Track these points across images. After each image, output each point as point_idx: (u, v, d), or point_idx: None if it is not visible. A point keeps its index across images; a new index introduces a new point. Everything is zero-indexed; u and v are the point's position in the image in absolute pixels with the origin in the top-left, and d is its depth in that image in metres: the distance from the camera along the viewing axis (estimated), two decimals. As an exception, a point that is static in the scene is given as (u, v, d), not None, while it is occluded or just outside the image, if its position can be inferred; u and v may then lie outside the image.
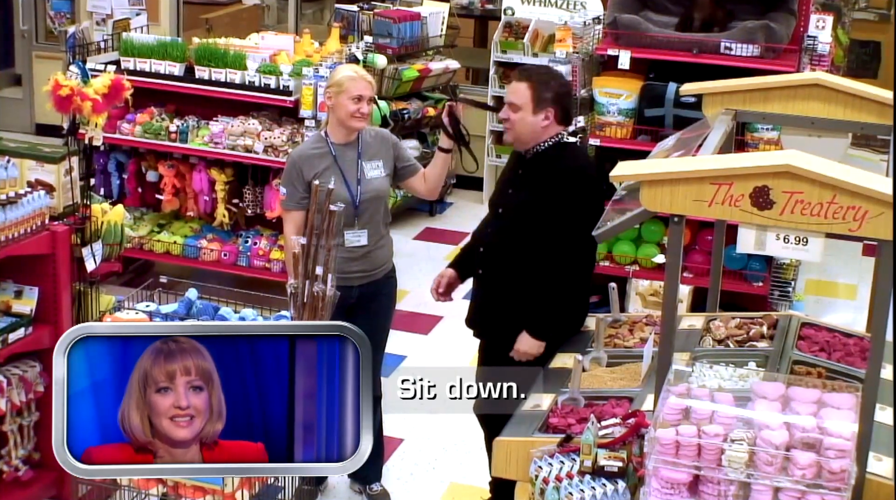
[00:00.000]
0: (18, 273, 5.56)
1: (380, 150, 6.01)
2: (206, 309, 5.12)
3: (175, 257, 8.60)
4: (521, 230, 5.37)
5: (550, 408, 4.80)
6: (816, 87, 5.16)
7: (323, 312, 4.89)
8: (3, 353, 5.37)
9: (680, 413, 3.88)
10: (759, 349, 4.98)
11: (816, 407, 3.91)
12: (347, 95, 5.78)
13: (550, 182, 5.32)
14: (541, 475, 4.24)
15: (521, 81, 5.48)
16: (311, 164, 5.84)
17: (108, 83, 5.40)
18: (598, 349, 5.25)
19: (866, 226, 3.77)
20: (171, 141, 8.38)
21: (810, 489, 3.70)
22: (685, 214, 4.06)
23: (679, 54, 7.83)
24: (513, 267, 5.38)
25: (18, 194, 5.35)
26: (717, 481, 3.77)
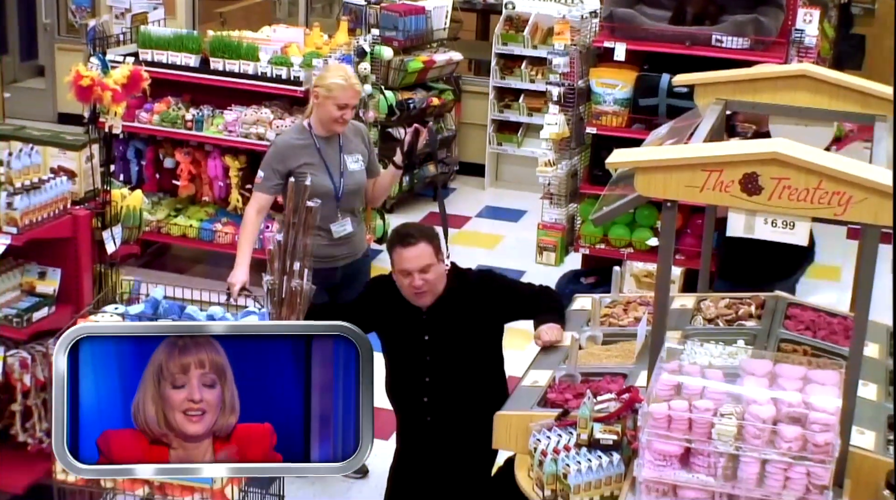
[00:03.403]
0: (42, 255, 5.57)
1: (358, 144, 5.99)
2: (173, 309, 5.08)
3: (191, 239, 8.60)
4: (467, 351, 5.27)
5: (549, 384, 4.81)
6: (803, 78, 5.16)
7: (301, 307, 4.88)
8: (27, 331, 5.38)
9: (672, 389, 3.89)
10: (748, 328, 4.99)
11: (802, 383, 3.92)
12: (334, 102, 5.74)
13: (477, 300, 5.23)
14: (539, 448, 4.25)
15: (416, 245, 5.02)
16: (297, 155, 5.81)
17: (126, 74, 5.39)
18: (594, 328, 5.26)
19: (850, 210, 3.77)
20: (187, 129, 8.37)
21: (796, 461, 3.71)
22: (678, 200, 4.07)
23: (672, 46, 7.83)
24: (464, 382, 5.30)
25: (42, 180, 5.35)
26: (707, 453, 3.78)
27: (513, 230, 10.09)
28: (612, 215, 4.58)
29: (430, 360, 5.24)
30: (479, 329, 5.26)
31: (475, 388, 5.25)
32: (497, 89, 10.98)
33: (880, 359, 4.89)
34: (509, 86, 10.98)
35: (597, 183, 8.10)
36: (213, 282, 6.19)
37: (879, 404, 4.50)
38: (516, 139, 11.04)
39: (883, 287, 3.90)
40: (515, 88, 10.96)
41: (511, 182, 11.21)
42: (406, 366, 5.34)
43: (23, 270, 5.58)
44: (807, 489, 3.72)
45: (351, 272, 5.95)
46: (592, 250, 8.37)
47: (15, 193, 5.20)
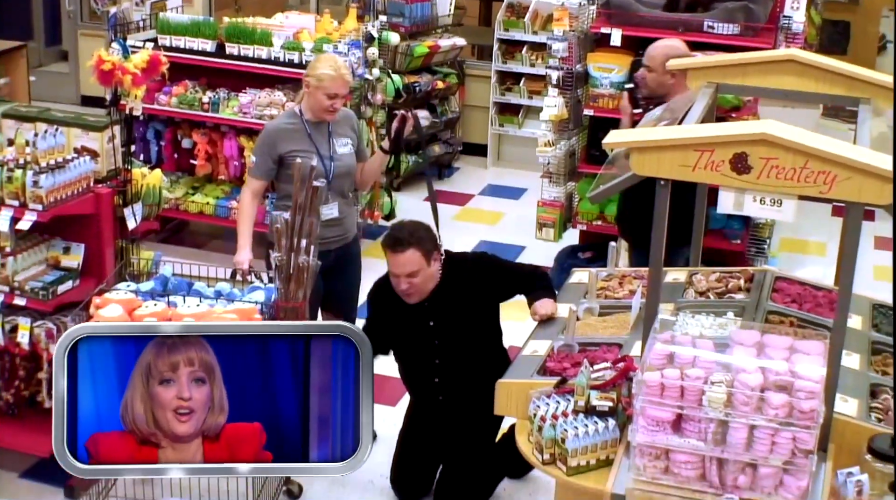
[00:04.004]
0: (66, 231, 5.57)
1: (347, 129, 5.94)
2: (181, 285, 5.08)
3: (207, 216, 8.60)
4: (470, 331, 5.36)
5: (547, 353, 4.81)
6: (791, 62, 5.14)
7: (307, 282, 4.88)
8: (52, 303, 5.39)
9: (665, 358, 3.89)
10: (737, 301, 4.99)
11: (788, 353, 3.92)
12: (324, 91, 5.69)
13: (473, 283, 5.31)
14: (538, 414, 4.25)
15: (404, 252, 5.06)
16: (286, 139, 5.77)
17: (146, 59, 5.38)
18: (590, 301, 5.26)
19: (836, 189, 3.77)
20: (204, 111, 8.37)
21: (782, 426, 3.71)
22: (671, 178, 4.06)
23: (666, 32, 7.78)
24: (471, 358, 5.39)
25: (66, 160, 5.35)
26: (698, 419, 3.79)
27: (514, 207, 10.08)
28: (609, 193, 4.56)
29: (438, 343, 5.34)
30: (479, 309, 5.36)
31: (481, 363, 5.33)
32: (499, 73, 10.95)
33: (863, 330, 4.90)
34: (511, 70, 10.95)
35: (594, 162, 8.09)
36: (228, 257, 6.18)
37: (862, 373, 4.51)
38: (517, 121, 11.01)
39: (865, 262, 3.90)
40: (516, 71, 10.93)
41: (512, 162, 11.19)
42: (416, 353, 5.44)
43: (48, 245, 5.59)
44: (792, 454, 3.73)
45: (343, 255, 5.92)
46: (589, 226, 8.37)
47: (41, 171, 5.20)
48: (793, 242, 9.31)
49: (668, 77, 6.24)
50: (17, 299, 5.39)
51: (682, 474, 3.86)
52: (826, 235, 9.04)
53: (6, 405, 5.73)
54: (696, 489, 3.85)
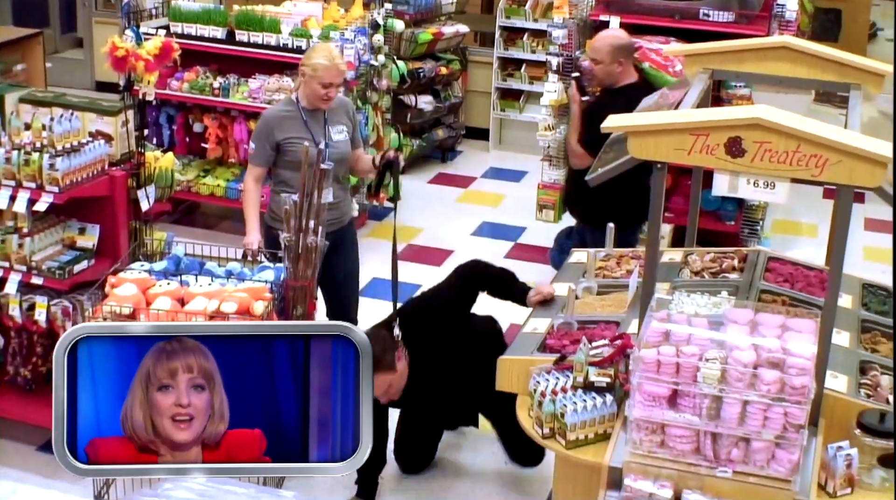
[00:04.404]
0: (82, 213, 5.57)
1: (342, 116, 5.90)
2: (193, 265, 5.08)
3: (218, 198, 8.61)
4: (458, 359, 5.38)
5: (548, 331, 4.82)
6: (784, 49, 5.12)
7: (315, 261, 4.88)
8: (68, 282, 5.39)
9: (661, 336, 3.89)
10: (731, 280, 4.99)
11: (780, 331, 3.92)
12: (318, 81, 5.63)
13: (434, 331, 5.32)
14: (539, 390, 4.26)
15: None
16: (282, 126, 5.73)
17: (158, 45, 5.37)
18: (589, 280, 5.26)
19: (827, 172, 3.76)
20: (215, 96, 8.36)
21: (775, 402, 3.71)
22: (667, 161, 4.06)
23: (663, 20, 7.76)
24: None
25: (81, 143, 5.35)
26: (693, 395, 3.79)
27: (515, 190, 10.07)
28: (607, 176, 4.55)
29: (440, 393, 5.44)
30: (453, 341, 5.35)
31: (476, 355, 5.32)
32: (501, 59, 10.92)
33: (853, 309, 4.90)
34: (512, 56, 10.93)
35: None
36: (238, 237, 6.18)
37: (852, 351, 4.51)
38: (518, 106, 11.00)
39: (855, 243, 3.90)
40: (518, 58, 10.91)
41: (513, 145, 11.17)
42: (425, 408, 5.59)
43: (64, 226, 5.59)
44: (784, 428, 3.73)
45: (338, 239, 5.90)
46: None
47: (57, 155, 5.20)
48: (785, 224, 9.30)
49: (616, 66, 6.41)
50: (34, 279, 5.40)
51: (678, 447, 3.86)
52: (817, 217, 9.03)
53: (24, 381, 5.75)
54: (690, 462, 3.86)
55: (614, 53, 6.42)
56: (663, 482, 3.85)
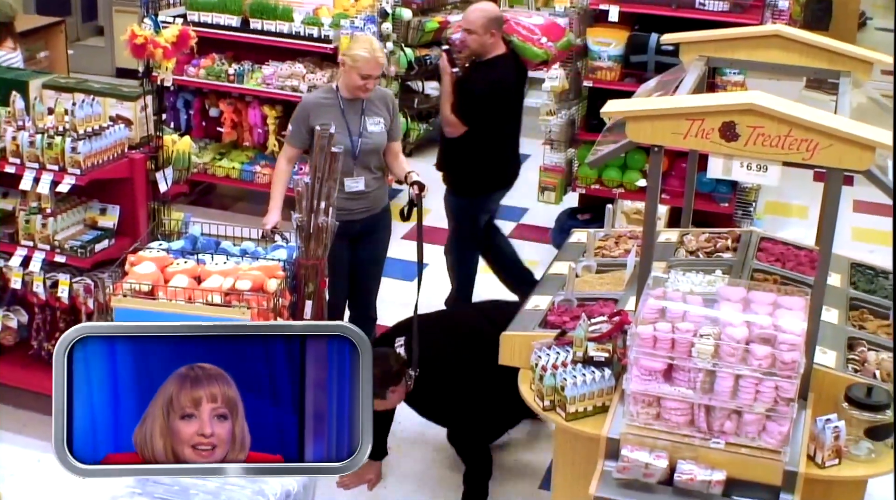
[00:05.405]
0: (102, 194, 5.58)
1: (381, 109, 5.86)
2: (210, 244, 5.07)
3: (233, 180, 8.60)
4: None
5: (548, 308, 4.82)
6: (776, 38, 5.11)
7: (326, 240, 4.88)
8: (90, 260, 5.40)
9: (657, 313, 3.89)
10: (725, 260, 4.98)
11: (772, 308, 3.92)
12: (358, 72, 5.60)
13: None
14: (540, 364, 4.26)
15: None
16: (319, 112, 5.70)
17: (176, 33, 5.36)
18: (588, 259, 5.26)
19: (817, 155, 3.75)
20: (230, 82, 8.35)
21: (766, 376, 3.72)
22: (664, 145, 4.05)
23: (660, 9, 7.74)
24: None
25: (102, 127, 5.35)
26: (687, 369, 3.80)
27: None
28: (606, 159, 4.55)
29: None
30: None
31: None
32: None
33: (841, 287, 4.89)
34: (515, 44, 10.90)
35: (592, 130, 8.04)
36: (252, 218, 6.18)
37: (840, 327, 4.51)
38: (521, 92, 10.97)
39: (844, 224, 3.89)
40: (520, 46, 10.88)
41: (516, 130, 11.14)
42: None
43: (86, 206, 5.59)
44: (775, 402, 3.74)
45: (369, 226, 5.87)
46: (588, 189, 8.34)
47: (78, 138, 5.20)
48: (777, 206, 9.28)
49: (489, 37, 6.44)
50: (57, 257, 5.41)
51: (673, 420, 3.87)
52: (808, 199, 9.00)
53: (48, 356, 5.76)
54: (685, 433, 3.86)
55: (487, 25, 6.43)
56: (659, 452, 3.86)
